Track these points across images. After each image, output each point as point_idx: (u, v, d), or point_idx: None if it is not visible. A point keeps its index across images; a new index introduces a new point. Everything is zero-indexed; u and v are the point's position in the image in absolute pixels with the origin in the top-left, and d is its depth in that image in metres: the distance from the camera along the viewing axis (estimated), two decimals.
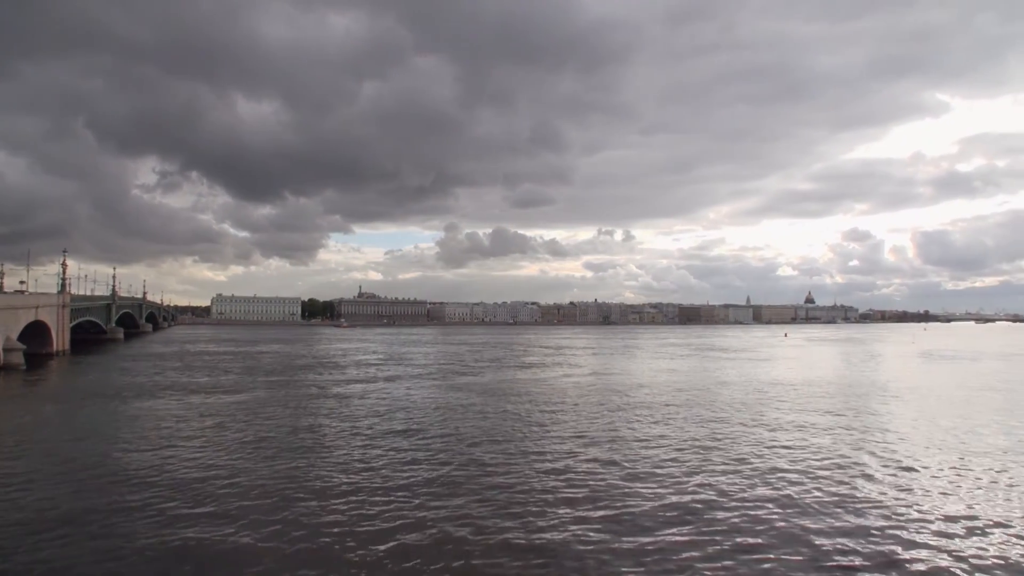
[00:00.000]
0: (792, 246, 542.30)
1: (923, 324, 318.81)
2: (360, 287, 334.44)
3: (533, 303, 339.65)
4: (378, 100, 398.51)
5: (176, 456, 16.81)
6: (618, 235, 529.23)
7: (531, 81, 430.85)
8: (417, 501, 12.80)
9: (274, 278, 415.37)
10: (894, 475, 15.18)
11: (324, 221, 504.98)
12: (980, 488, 14.14)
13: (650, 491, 13.70)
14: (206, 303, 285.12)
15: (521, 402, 27.61)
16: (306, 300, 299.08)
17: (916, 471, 15.57)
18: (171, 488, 13.83)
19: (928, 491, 13.88)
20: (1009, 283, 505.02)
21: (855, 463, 16.34)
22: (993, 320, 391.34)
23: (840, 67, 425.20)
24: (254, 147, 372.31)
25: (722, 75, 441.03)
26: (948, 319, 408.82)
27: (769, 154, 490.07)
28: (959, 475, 15.23)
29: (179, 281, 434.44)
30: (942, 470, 15.69)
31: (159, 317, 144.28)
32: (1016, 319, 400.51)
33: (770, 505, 12.80)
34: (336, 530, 11.33)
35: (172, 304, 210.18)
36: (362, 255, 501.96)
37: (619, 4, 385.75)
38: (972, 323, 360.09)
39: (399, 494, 13.35)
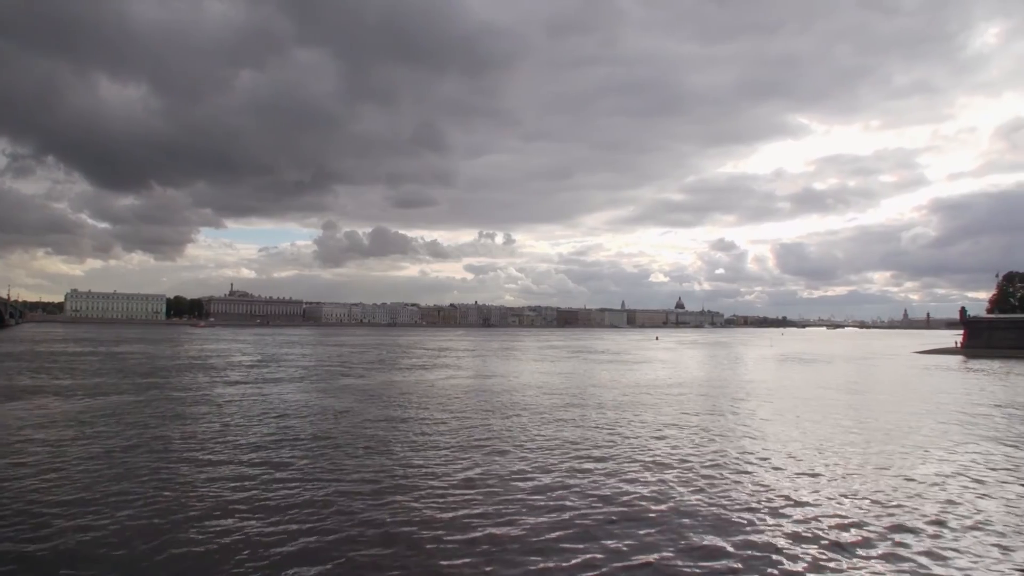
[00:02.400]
0: (664, 254, 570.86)
1: (781, 329, 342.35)
2: (232, 285, 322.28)
3: (413, 304, 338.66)
4: (255, 90, 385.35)
5: (26, 469, 15.20)
6: (499, 238, 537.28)
7: (415, 81, 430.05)
8: (295, 517, 12.08)
9: (136, 273, 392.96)
10: (769, 471, 15.95)
11: (194, 214, 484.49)
12: (843, 476, 15.14)
13: (536, 497, 13.64)
14: (60, 299, 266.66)
15: (406, 405, 27.14)
16: (172, 298, 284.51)
17: (786, 467, 16.43)
18: (19, 504, 12.39)
19: (801, 484, 14.68)
20: (856, 292, 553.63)
21: (730, 459, 17.02)
22: (843, 326, 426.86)
23: (712, 87, 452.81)
24: (118, 133, 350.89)
25: (602, 87, 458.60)
26: (803, 325, 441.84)
27: (645, 165, 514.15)
28: (824, 466, 16.24)
29: (29, 275, 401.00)
30: (810, 465, 16.67)
31: (5, 314, 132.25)
32: (862, 325, 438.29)
33: (651, 502, 13.12)
34: (200, 537, 10.47)
35: (20, 300, 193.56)
36: (234, 251, 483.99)
37: (503, 12, 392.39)
38: (824, 328, 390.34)
39: (276, 510, 12.53)
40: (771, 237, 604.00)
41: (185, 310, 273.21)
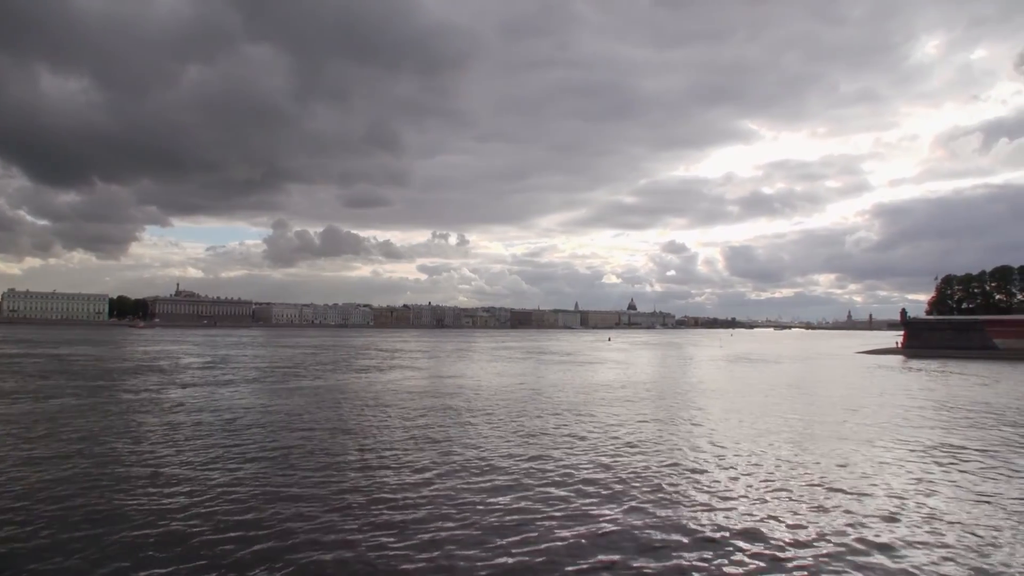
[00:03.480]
0: (617, 255, 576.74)
1: (730, 330, 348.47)
2: (178, 285, 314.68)
3: (366, 305, 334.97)
4: (203, 85, 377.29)
5: None
6: (453, 239, 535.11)
7: (368, 79, 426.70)
8: (250, 534, 11.83)
9: (78, 272, 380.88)
10: (722, 471, 16.32)
11: (138, 212, 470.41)
12: (792, 476, 15.59)
13: (484, 498, 13.72)
14: None
15: (362, 409, 26.87)
16: (115, 298, 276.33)
17: (739, 466, 16.83)
18: None
19: (752, 483, 15.06)
20: (802, 294, 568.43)
21: (682, 459, 17.36)
22: (789, 327, 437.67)
23: (664, 91, 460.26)
24: (59, 127, 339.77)
25: (556, 90, 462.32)
26: (751, 326, 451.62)
27: (599, 168, 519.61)
28: (775, 465, 16.68)
29: None
30: (761, 464, 17.10)
31: None
32: (808, 326, 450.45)
33: (599, 501, 13.35)
34: (144, 558, 10.22)
35: None
36: (181, 250, 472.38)
37: (458, 12, 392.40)
38: (771, 329, 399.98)
39: (231, 526, 12.24)
40: (721, 240, 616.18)
41: (129, 310, 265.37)
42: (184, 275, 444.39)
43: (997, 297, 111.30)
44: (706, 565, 10.24)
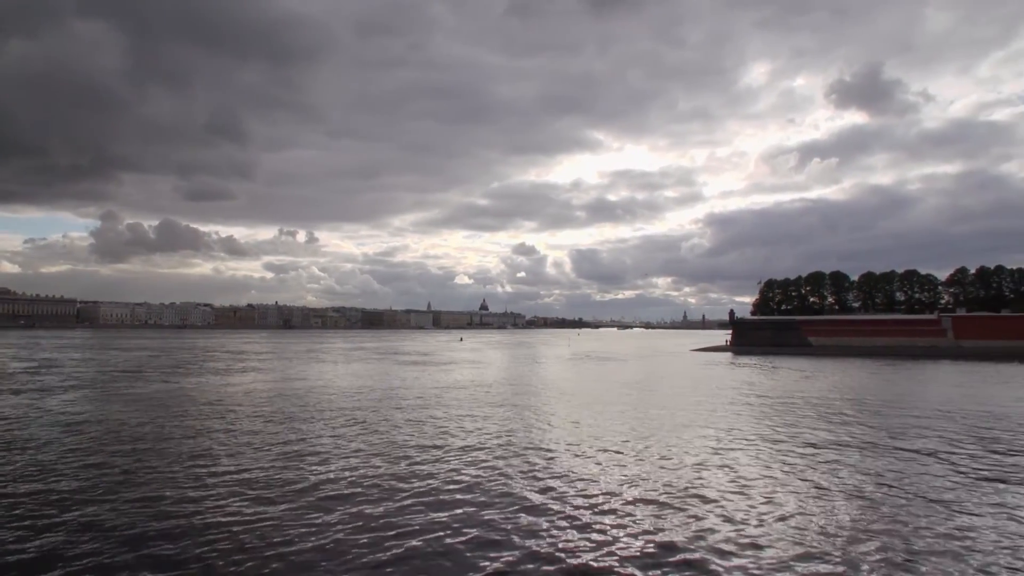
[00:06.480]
0: (469, 256, 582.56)
1: (577, 330, 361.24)
2: None
3: (206, 305, 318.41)
4: (24, 61, 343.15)
5: None
6: (301, 236, 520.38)
7: (211, 66, 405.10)
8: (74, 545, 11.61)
9: None
10: (565, 465, 17.44)
11: None
12: (637, 466, 16.94)
13: (332, 498, 14.09)
14: None
15: (207, 414, 25.85)
16: None
17: (584, 461, 18.03)
18: None
19: (594, 474, 16.25)
20: (643, 296, 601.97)
21: (533, 457, 18.33)
22: (631, 327, 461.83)
23: (517, 98, 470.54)
24: None
25: (410, 90, 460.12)
26: (597, 325, 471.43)
27: (452, 169, 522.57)
28: (620, 457, 18.03)
29: None
30: (603, 454, 18.42)
31: None
32: (648, 326, 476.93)
33: (456, 500, 13.97)
34: None
35: None
36: None
37: (310, 4, 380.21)
38: (615, 329, 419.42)
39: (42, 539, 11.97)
40: (568, 243, 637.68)
41: None
42: None
43: (811, 300, 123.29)
44: (556, 558, 11.10)
